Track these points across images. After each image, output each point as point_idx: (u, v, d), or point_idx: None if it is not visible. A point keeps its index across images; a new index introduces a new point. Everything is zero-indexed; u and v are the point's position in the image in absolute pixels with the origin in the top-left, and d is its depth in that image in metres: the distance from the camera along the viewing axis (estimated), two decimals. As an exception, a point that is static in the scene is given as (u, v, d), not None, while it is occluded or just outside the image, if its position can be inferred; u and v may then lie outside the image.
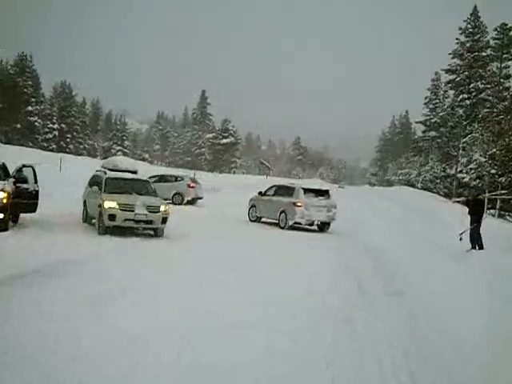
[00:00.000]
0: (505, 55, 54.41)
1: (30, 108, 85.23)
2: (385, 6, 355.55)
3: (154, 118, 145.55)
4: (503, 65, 54.73)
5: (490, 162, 31.31)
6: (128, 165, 15.54)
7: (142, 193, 14.18)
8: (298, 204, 17.24)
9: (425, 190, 51.23)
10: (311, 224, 18.05)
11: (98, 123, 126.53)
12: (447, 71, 53.19)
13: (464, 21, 52.41)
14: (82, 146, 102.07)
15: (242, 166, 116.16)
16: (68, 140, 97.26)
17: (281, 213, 17.87)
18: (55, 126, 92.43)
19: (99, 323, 5.81)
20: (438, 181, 52.15)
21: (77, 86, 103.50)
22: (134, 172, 15.32)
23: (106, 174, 14.67)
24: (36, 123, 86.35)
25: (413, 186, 59.20)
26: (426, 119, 61.92)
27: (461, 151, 48.79)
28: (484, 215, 15.33)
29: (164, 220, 13.68)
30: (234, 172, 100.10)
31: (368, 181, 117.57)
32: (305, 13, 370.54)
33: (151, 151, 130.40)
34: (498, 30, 54.01)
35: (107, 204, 13.13)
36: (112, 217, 13.03)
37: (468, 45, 51.09)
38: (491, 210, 29.54)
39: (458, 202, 29.83)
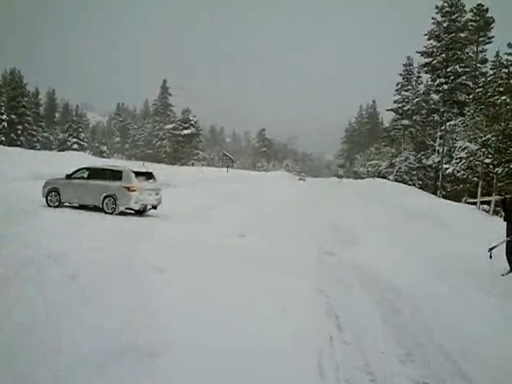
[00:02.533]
0: (481, 38, 51.20)
1: (-31, 96, 78.18)
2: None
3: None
4: (479, 48, 51.55)
5: (483, 150, 27.29)
6: None
7: None
8: (132, 188, 15.78)
9: (399, 182, 47.61)
10: (144, 209, 16.66)
11: (55, 115, 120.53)
12: (422, 54, 49.25)
13: (440, -1, 48.62)
14: (35, 139, 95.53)
15: (205, 158, 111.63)
16: (19, 132, 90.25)
17: (106, 198, 15.92)
18: (3, 117, 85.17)
19: None
20: (414, 172, 48.39)
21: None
22: None
23: None
24: (-23, 113, 79.23)
25: (384, 177, 55.83)
26: (398, 107, 58.41)
27: (438, 140, 45.21)
28: None
29: None
30: (193, 164, 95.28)
31: (335, 173, 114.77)
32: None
33: (111, 144, 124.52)
34: (474, 11, 50.61)
35: None
36: None
37: (445, 25, 47.22)
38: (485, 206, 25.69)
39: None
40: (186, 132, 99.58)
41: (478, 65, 50.86)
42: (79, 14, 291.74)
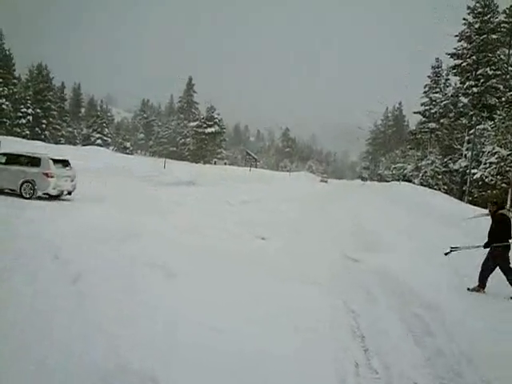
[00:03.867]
0: (514, 41, 49.83)
1: (-6, 89, 78.55)
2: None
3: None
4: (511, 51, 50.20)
5: (514, 155, 26.36)
6: None
7: None
8: (51, 175, 16.44)
9: (424, 186, 46.66)
10: (60, 194, 17.26)
11: (80, 110, 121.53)
12: (452, 55, 48.22)
13: (472, -1, 47.51)
14: (59, 133, 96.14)
15: (228, 156, 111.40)
16: (44, 126, 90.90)
17: (24, 183, 16.45)
18: (29, 111, 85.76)
19: None
20: (440, 176, 47.35)
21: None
22: None
23: None
24: (3, 106, 79.65)
25: (409, 181, 54.96)
26: (425, 109, 57.36)
27: (466, 144, 44.14)
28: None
29: None
30: (215, 162, 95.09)
31: (359, 174, 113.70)
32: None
33: (135, 140, 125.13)
34: (507, 12, 49.31)
35: None
36: None
37: (477, 26, 46.10)
38: None
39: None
40: (209, 130, 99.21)
41: (510, 68, 49.56)
42: (82, 14, 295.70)
